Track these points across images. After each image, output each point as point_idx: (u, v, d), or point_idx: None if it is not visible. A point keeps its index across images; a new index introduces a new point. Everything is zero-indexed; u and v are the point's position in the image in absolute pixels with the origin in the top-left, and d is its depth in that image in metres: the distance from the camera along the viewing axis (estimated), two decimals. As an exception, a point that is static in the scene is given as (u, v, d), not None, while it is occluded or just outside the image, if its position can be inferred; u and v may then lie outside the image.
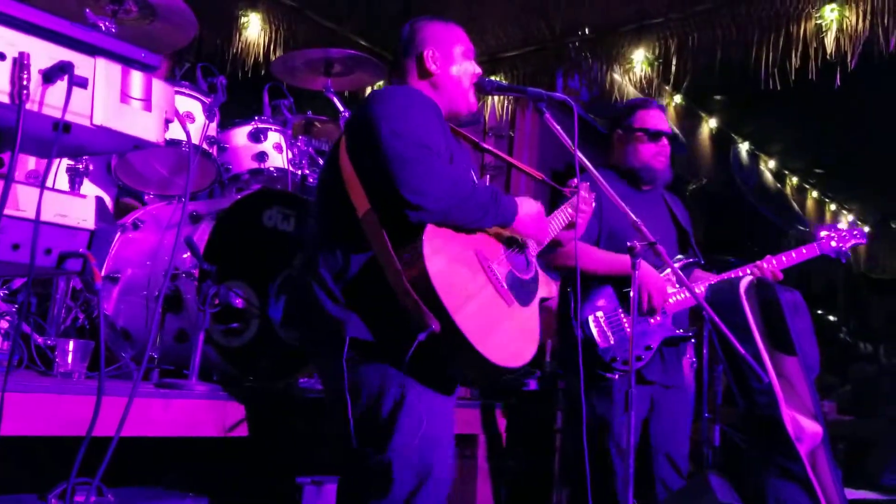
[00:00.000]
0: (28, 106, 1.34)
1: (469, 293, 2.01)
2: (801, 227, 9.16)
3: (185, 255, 2.86)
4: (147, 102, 1.47)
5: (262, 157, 3.57)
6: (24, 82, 1.32)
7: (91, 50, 1.43)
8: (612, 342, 2.89)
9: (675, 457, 3.01)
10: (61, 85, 1.37)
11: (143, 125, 1.47)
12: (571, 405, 3.11)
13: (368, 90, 5.42)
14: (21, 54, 1.33)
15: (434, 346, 1.93)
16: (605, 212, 3.03)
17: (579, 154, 2.36)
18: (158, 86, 1.52)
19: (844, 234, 3.33)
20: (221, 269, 2.81)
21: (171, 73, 3.87)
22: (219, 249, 2.85)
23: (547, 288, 2.38)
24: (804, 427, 2.70)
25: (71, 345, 2.55)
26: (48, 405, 2.11)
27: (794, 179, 9.47)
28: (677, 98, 7.07)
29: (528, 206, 2.27)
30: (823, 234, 3.34)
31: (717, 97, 7.44)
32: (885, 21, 4.38)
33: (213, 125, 3.46)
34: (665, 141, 3.16)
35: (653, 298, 2.90)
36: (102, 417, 2.10)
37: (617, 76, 5.90)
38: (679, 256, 3.13)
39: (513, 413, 3.72)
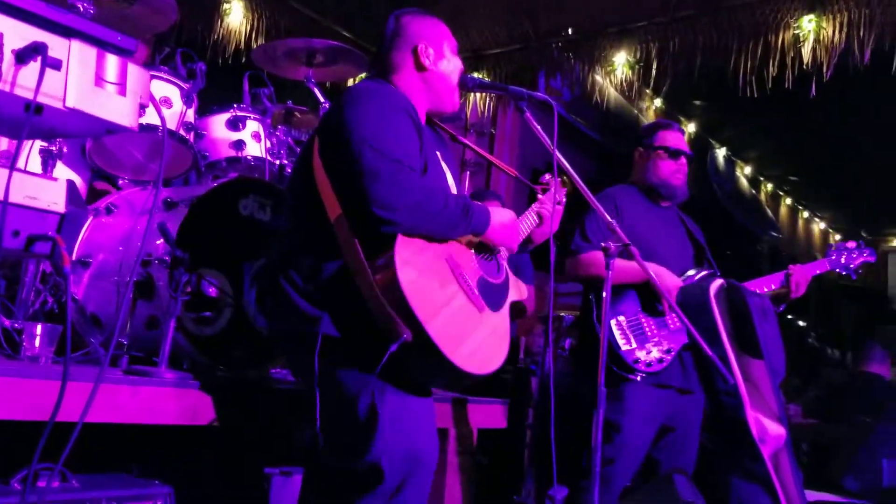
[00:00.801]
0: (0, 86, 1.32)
1: (440, 302, 2.01)
2: (774, 234, 9.27)
3: (158, 242, 2.84)
4: (122, 87, 1.46)
5: (239, 145, 3.54)
6: (-3, 62, 1.30)
7: (66, 32, 1.41)
8: (633, 345, 2.98)
9: (688, 469, 3.09)
10: (34, 66, 1.36)
11: (116, 109, 1.46)
12: (587, 408, 3.19)
13: (350, 82, 5.42)
14: (-5, 33, 1.32)
15: (405, 355, 1.92)
16: (625, 221, 3.07)
17: (558, 154, 2.37)
18: (134, 70, 1.51)
19: (854, 252, 3.50)
20: (195, 256, 2.80)
21: (150, 58, 3.83)
22: (193, 237, 2.82)
23: (517, 291, 2.39)
24: (768, 429, 2.73)
25: (39, 329, 2.51)
26: (13, 389, 2.09)
27: (769, 186, 9.59)
28: (657, 102, 7.13)
29: (500, 216, 2.26)
30: (833, 252, 3.52)
31: (697, 102, 7.51)
32: (861, 34, 4.46)
33: (191, 111, 3.43)
34: (684, 160, 3.34)
35: (671, 299, 2.96)
36: (68, 403, 2.08)
37: (598, 78, 5.94)
38: (691, 272, 3.22)
39: (483, 409, 3.73)
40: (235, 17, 5.40)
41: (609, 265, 2.44)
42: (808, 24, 4.65)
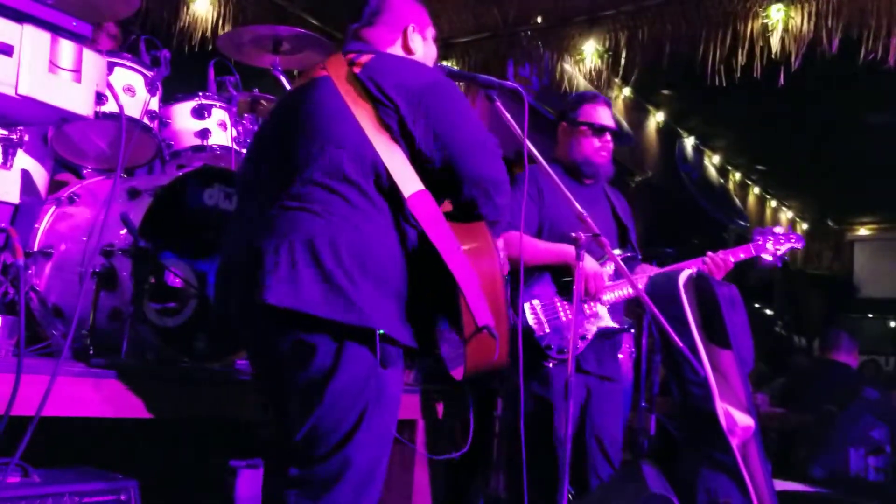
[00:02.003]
0: (-52, 72, 1.27)
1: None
2: (742, 223, 9.36)
3: (121, 232, 2.78)
4: (77, 73, 1.41)
5: (205, 134, 3.48)
6: (-56, 47, 1.25)
7: (18, 16, 1.36)
8: (547, 330, 2.93)
9: (606, 444, 3.06)
10: (-16, 52, 1.31)
11: (71, 97, 1.41)
12: (512, 392, 3.15)
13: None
14: (-59, 18, 1.26)
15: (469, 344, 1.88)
16: (546, 203, 3.06)
17: (528, 143, 2.35)
18: (90, 57, 1.46)
19: (781, 237, 3.35)
20: (159, 246, 2.75)
21: (121, 44, 3.76)
22: (157, 227, 2.78)
23: None
24: (737, 420, 2.75)
25: (-2, 321, 2.46)
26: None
27: (737, 175, 9.68)
28: (626, 91, 7.15)
29: None
30: (759, 237, 3.36)
31: (665, 91, 7.55)
32: (829, 23, 4.49)
33: (155, 99, 3.36)
34: (608, 136, 3.19)
35: (589, 285, 2.94)
36: (28, 396, 2.05)
37: (568, 67, 5.94)
38: (617, 251, 3.16)
39: (452, 399, 3.72)
40: (201, 5, 5.32)
41: (580, 255, 2.44)
42: (776, 14, 4.68)
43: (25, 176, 1.45)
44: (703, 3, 4.95)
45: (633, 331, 3.22)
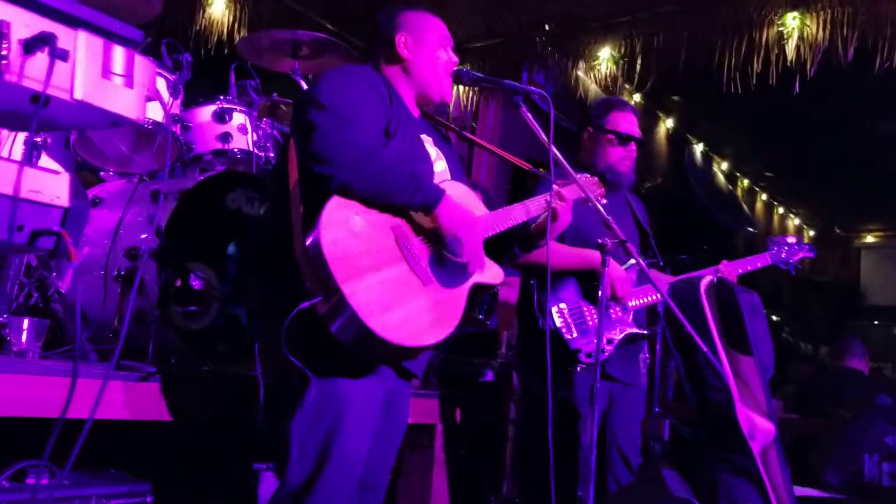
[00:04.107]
0: (7, 77, 1.29)
1: (369, 266, 1.96)
2: (750, 229, 9.36)
3: (143, 236, 2.80)
4: (129, 79, 1.43)
5: (226, 137, 3.50)
6: (4, 52, 1.27)
7: (74, 22, 1.38)
8: (575, 334, 2.91)
9: (627, 452, 3.06)
10: (41, 56, 1.33)
11: (123, 102, 1.43)
12: (530, 398, 3.14)
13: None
14: (1, 23, 1.28)
15: (327, 320, 1.91)
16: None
17: (554, 150, 2.35)
18: (140, 62, 1.48)
19: (794, 247, 3.47)
20: (183, 250, 2.77)
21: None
22: (181, 230, 2.80)
23: (489, 274, 2.26)
24: (757, 425, 2.76)
25: (26, 323, 2.48)
26: (4, 385, 2.06)
27: (746, 182, 9.68)
28: (637, 97, 7.16)
29: (455, 206, 2.15)
30: (774, 245, 3.48)
31: (675, 98, 7.55)
32: (845, 32, 4.49)
33: (177, 103, 3.38)
34: (633, 146, 3.18)
35: (616, 289, 2.93)
36: (54, 399, 2.07)
37: (581, 73, 5.94)
38: (632, 261, 3.15)
39: (466, 404, 3.73)
40: (217, 8, 5.34)
41: (605, 262, 2.45)
42: (791, 22, 4.68)
43: (74, 180, 1.47)
44: (719, 11, 4.94)
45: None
